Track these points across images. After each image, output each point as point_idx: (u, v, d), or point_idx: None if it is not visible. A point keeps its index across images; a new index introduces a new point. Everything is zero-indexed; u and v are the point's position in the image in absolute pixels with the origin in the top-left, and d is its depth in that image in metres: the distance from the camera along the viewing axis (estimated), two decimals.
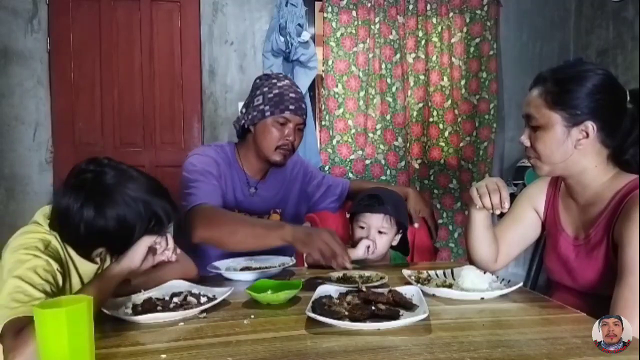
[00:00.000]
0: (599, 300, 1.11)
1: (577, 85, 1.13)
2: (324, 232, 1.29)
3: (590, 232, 1.19)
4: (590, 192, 1.21)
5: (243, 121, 1.62)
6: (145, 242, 1.08)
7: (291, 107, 1.55)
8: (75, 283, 1.13)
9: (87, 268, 1.15)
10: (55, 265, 1.04)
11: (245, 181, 1.66)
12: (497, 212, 1.22)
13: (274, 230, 1.35)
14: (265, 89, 1.58)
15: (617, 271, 1.08)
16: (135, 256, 1.06)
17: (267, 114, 1.55)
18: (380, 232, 1.55)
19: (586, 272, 1.19)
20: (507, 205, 1.21)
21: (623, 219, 1.09)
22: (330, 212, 1.86)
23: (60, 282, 1.05)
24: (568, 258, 1.25)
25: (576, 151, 1.16)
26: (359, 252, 1.50)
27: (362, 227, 1.56)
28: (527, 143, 1.22)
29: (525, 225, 1.39)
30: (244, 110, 1.63)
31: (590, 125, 1.13)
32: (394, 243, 1.63)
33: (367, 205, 1.56)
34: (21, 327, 0.87)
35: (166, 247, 1.12)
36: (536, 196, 1.38)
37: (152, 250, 1.11)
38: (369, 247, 1.51)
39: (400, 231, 1.62)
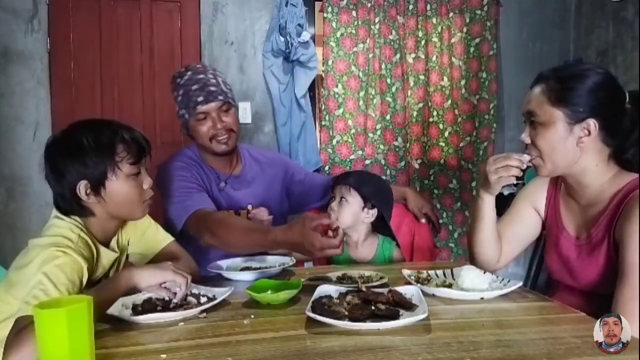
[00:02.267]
0: (601, 300, 1.11)
1: (579, 83, 1.14)
2: (305, 241, 1.21)
3: (592, 231, 1.19)
4: (590, 191, 1.21)
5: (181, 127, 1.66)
6: (163, 276, 1.08)
7: (199, 99, 1.53)
8: (100, 272, 1.18)
9: (109, 257, 1.20)
10: (84, 265, 1.05)
11: (215, 177, 1.67)
12: (524, 166, 1.21)
13: (266, 243, 1.34)
14: (175, 93, 1.59)
15: (618, 270, 1.08)
16: (147, 281, 1.07)
17: (186, 116, 1.57)
18: (342, 199, 1.62)
19: (587, 272, 1.19)
20: (525, 156, 1.21)
21: (624, 218, 1.09)
22: (315, 209, 1.86)
23: (85, 280, 1.06)
24: (569, 257, 1.25)
25: (577, 149, 1.16)
26: None
27: (333, 197, 1.67)
28: (528, 140, 1.21)
29: (525, 224, 1.40)
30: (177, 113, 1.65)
31: (592, 123, 1.13)
32: (367, 220, 1.64)
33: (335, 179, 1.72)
34: (23, 326, 0.87)
35: (182, 291, 1.09)
36: (536, 195, 1.38)
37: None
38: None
39: (372, 207, 1.63)
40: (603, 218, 1.17)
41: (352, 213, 1.63)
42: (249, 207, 1.67)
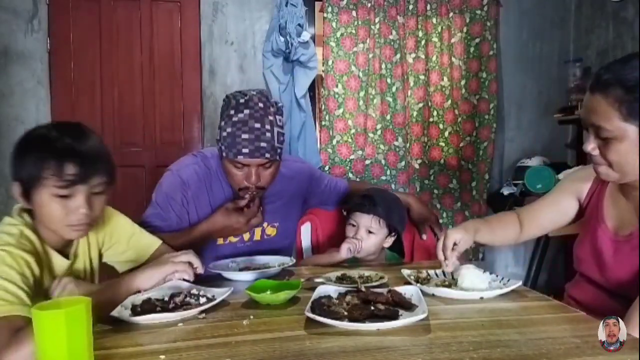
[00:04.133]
0: (624, 301, 1.08)
1: None
2: (231, 222, 1.44)
3: (634, 231, 1.15)
4: None
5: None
6: (163, 272, 1.07)
7: (244, 150, 1.36)
8: (49, 279, 1.11)
9: (60, 263, 1.14)
10: (30, 259, 1.03)
11: (231, 194, 1.55)
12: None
13: (194, 239, 1.44)
14: (223, 123, 1.41)
15: None
16: (148, 283, 1.05)
17: (224, 154, 1.41)
18: (369, 232, 1.56)
19: (620, 271, 1.16)
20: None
21: None
22: (324, 210, 1.86)
23: (37, 272, 1.04)
24: (603, 251, 1.21)
25: None
26: (342, 255, 1.52)
27: (353, 225, 1.58)
28: (596, 152, 1.13)
29: (561, 211, 1.38)
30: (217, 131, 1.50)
31: None
32: (386, 245, 1.62)
33: (358, 205, 1.58)
34: (15, 328, 0.87)
35: (190, 276, 1.09)
36: (580, 184, 1.34)
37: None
38: (350, 248, 1.52)
39: (394, 234, 1.61)
40: None
41: (377, 243, 1.59)
42: (265, 224, 1.62)
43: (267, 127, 1.38)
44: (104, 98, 3.09)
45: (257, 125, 1.37)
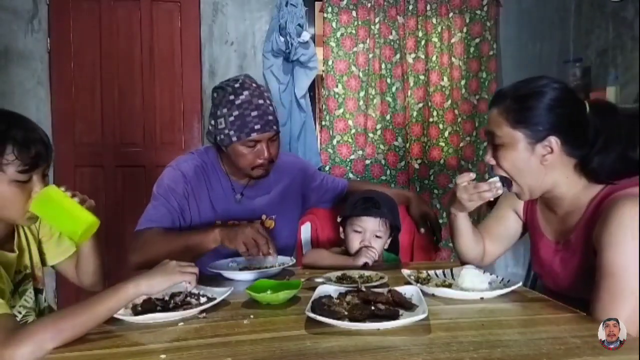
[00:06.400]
0: (578, 304, 1.09)
1: (536, 102, 1.13)
2: (247, 228, 1.36)
3: (571, 237, 1.19)
4: (566, 202, 1.20)
5: (214, 140, 1.54)
6: (172, 280, 1.03)
7: (256, 127, 1.43)
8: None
9: (8, 259, 1.12)
10: None
11: (229, 187, 1.60)
12: (497, 192, 1.22)
13: (206, 237, 1.40)
14: (225, 110, 1.46)
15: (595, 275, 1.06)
16: (156, 289, 1.01)
17: (234, 139, 1.45)
18: (376, 236, 1.53)
19: (567, 276, 1.20)
20: (496, 181, 1.21)
21: (600, 223, 1.07)
22: (323, 208, 1.86)
23: None
24: (550, 262, 1.25)
25: (542, 167, 1.15)
26: (358, 264, 1.47)
27: (358, 232, 1.53)
28: (492, 162, 1.21)
29: (507, 225, 1.42)
30: (212, 123, 1.52)
31: (554, 140, 1.13)
32: (385, 246, 1.61)
33: (363, 209, 1.52)
34: (9, 327, 0.87)
35: (191, 286, 1.07)
36: (516, 200, 1.35)
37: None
38: (368, 263, 1.47)
39: (392, 234, 1.60)
40: (580, 225, 1.16)
41: (382, 246, 1.57)
42: (263, 217, 1.64)
43: (268, 102, 1.48)
44: (104, 98, 3.09)
45: (261, 101, 1.46)
